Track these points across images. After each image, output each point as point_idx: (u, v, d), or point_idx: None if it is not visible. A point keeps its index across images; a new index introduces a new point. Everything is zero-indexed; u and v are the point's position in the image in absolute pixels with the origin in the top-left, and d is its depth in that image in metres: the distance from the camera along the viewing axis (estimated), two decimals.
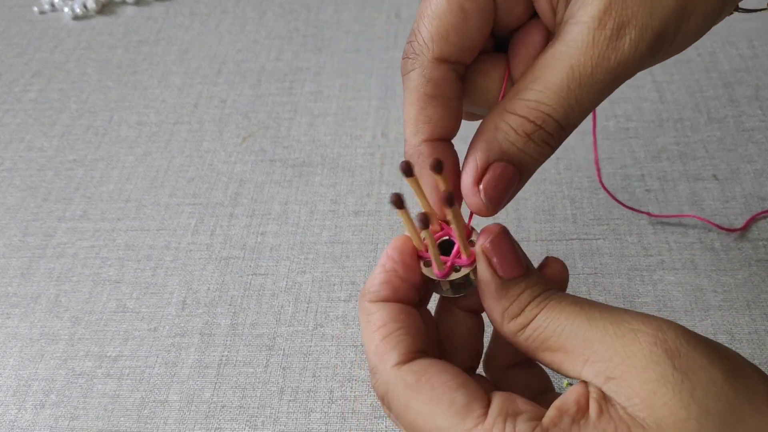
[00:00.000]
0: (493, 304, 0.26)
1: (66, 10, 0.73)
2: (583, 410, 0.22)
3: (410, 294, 0.27)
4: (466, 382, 0.24)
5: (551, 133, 0.26)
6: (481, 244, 0.26)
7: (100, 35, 0.70)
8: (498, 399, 0.23)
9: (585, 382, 0.23)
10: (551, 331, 0.24)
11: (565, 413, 0.22)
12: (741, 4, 0.31)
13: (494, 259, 0.26)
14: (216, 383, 0.42)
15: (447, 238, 0.28)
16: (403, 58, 0.28)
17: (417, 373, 0.24)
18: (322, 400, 0.40)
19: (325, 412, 0.40)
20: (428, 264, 0.27)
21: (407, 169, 0.25)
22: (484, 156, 0.26)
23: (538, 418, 0.23)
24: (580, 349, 0.23)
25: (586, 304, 0.24)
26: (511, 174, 0.26)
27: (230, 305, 0.46)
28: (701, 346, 0.22)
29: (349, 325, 0.44)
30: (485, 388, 0.25)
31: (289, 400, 0.40)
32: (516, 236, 0.47)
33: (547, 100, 0.25)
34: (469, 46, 0.28)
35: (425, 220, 0.24)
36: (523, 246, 0.46)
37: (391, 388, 0.25)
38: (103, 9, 0.74)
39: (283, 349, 0.43)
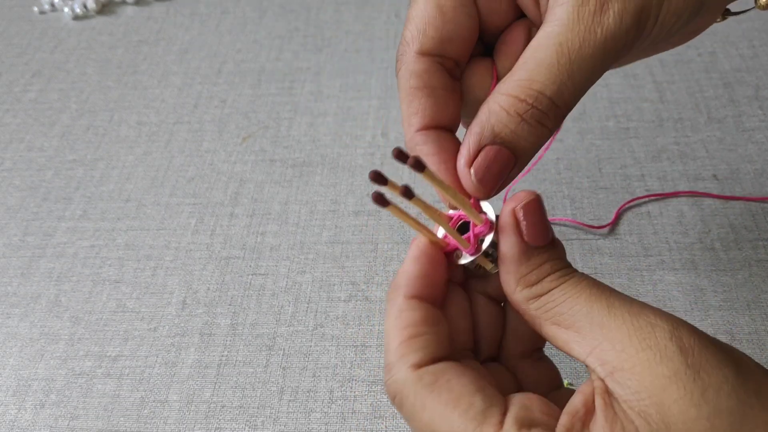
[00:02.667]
0: (511, 267, 0.25)
1: (66, 10, 0.73)
2: (590, 411, 0.22)
3: (441, 292, 0.27)
4: (485, 387, 0.24)
5: (545, 112, 0.26)
6: (512, 207, 0.25)
7: (100, 35, 0.70)
8: (515, 407, 0.23)
9: (590, 384, 0.23)
10: (567, 308, 0.24)
11: (576, 418, 0.22)
12: (733, 7, 0.31)
13: (523, 223, 0.25)
14: (216, 383, 0.42)
15: (462, 221, 0.28)
16: (396, 61, 0.30)
17: (435, 374, 0.24)
18: (322, 400, 0.40)
19: (325, 412, 0.40)
20: (458, 256, 0.27)
21: (419, 166, 0.24)
22: (476, 139, 0.26)
23: (552, 428, 0.22)
24: (593, 333, 0.23)
25: (607, 290, 0.24)
26: (504, 157, 0.26)
27: (230, 305, 0.45)
28: (712, 346, 0.22)
29: (349, 325, 0.44)
30: (504, 381, 0.25)
31: (289, 400, 0.40)
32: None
33: (538, 77, 0.25)
34: (449, 39, 0.28)
35: (408, 192, 0.24)
36: None
37: (406, 387, 0.24)
38: (103, 9, 0.74)
39: (283, 349, 0.43)
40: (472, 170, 0.26)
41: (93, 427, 0.41)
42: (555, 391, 0.29)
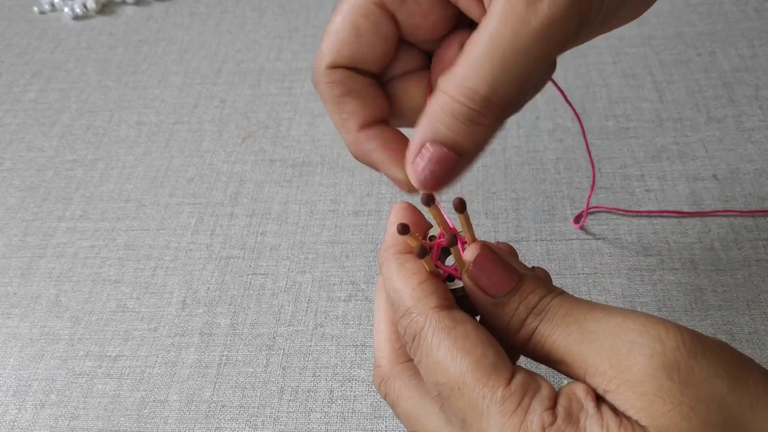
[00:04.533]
0: (492, 323, 0.26)
1: (66, 10, 0.73)
2: (592, 396, 0.23)
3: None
4: (498, 347, 0.24)
5: (479, 111, 0.25)
6: (465, 269, 0.26)
7: (100, 35, 0.70)
8: (522, 373, 0.24)
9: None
10: (550, 345, 0.24)
11: (574, 398, 0.22)
12: None
13: (481, 281, 0.25)
14: (216, 383, 0.42)
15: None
16: (312, 75, 0.30)
17: (455, 320, 0.25)
18: (322, 400, 0.40)
19: (325, 412, 0.40)
20: (450, 279, 0.28)
21: (429, 201, 0.26)
22: (418, 137, 0.26)
23: (553, 399, 0.23)
24: (577, 363, 0.23)
25: (583, 313, 0.24)
26: (443, 156, 0.26)
27: (230, 305, 0.46)
28: (705, 355, 0.22)
29: (349, 324, 0.44)
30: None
31: (289, 400, 0.40)
32: (516, 236, 0.47)
33: (471, 75, 0.24)
34: (364, 59, 0.29)
35: (453, 240, 0.25)
36: (523, 246, 0.46)
37: (426, 327, 0.25)
38: (103, 9, 0.74)
39: (283, 349, 0.43)
40: (411, 168, 0.27)
41: (93, 427, 0.41)
42: None
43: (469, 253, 0.26)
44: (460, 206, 0.25)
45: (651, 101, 0.55)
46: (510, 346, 0.26)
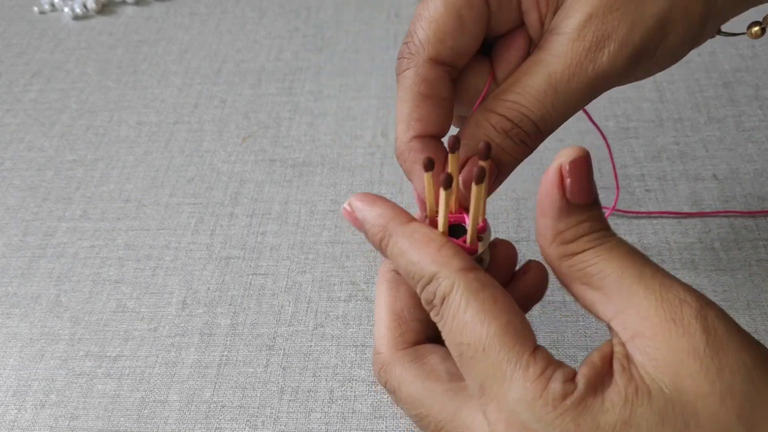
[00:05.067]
0: (548, 223, 0.25)
1: (66, 10, 0.73)
2: (608, 368, 0.23)
3: None
4: (523, 315, 0.24)
5: (528, 133, 0.28)
6: (559, 162, 0.25)
7: (100, 35, 0.70)
8: (543, 349, 0.24)
9: (610, 343, 0.23)
10: (598, 270, 0.24)
11: (594, 370, 0.22)
12: (724, 28, 0.32)
13: (568, 180, 0.25)
14: (216, 383, 0.42)
15: (459, 224, 0.29)
16: (398, 58, 0.29)
17: (483, 283, 0.25)
18: (322, 400, 0.40)
19: (326, 412, 0.40)
20: None
21: (444, 179, 0.26)
22: (464, 150, 0.28)
23: (574, 373, 0.23)
24: (620, 298, 0.23)
25: (641, 259, 0.24)
26: (488, 168, 0.27)
27: (230, 305, 0.46)
28: (736, 332, 0.22)
29: (350, 324, 0.44)
30: None
31: (289, 400, 0.40)
32: (516, 236, 0.47)
33: (525, 102, 0.27)
34: (464, 51, 0.29)
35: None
36: (524, 246, 0.46)
37: (455, 289, 0.25)
38: (103, 9, 0.74)
39: (283, 349, 0.43)
40: (460, 177, 0.28)
41: (93, 427, 0.41)
42: None
43: (570, 152, 0.25)
44: (486, 151, 0.25)
45: (651, 101, 0.55)
46: (546, 257, 0.26)
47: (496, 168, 0.28)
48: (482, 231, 0.28)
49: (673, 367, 0.21)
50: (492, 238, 0.30)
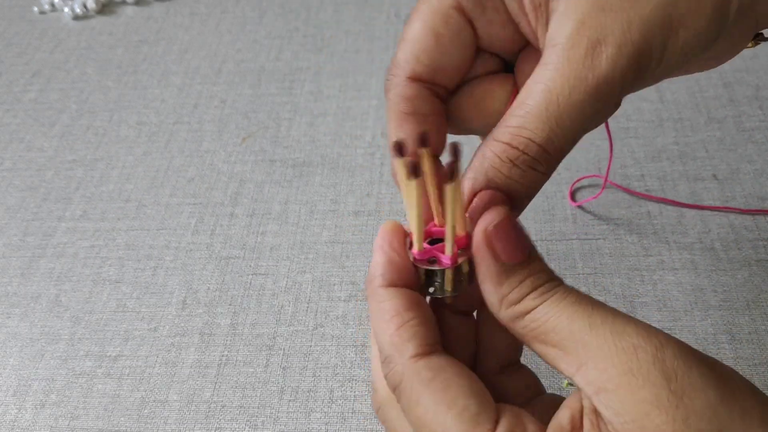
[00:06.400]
0: (490, 289, 0.25)
1: (66, 10, 0.73)
2: (577, 428, 0.22)
3: (414, 276, 0.27)
4: (480, 391, 0.24)
5: (536, 158, 0.25)
6: (484, 226, 0.25)
7: (100, 35, 0.70)
8: (507, 417, 0.23)
9: (579, 399, 0.23)
10: (550, 327, 0.24)
11: None
12: (766, 32, 0.30)
13: (498, 244, 0.25)
14: (216, 383, 0.42)
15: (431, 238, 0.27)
16: (385, 80, 0.29)
17: (434, 370, 0.24)
18: (322, 400, 0.40)
19: (325, 412, 0.40)
20: (431, 262, 0.27)
21: (414, 170, 0.24)
22: (470, 184, 0.26)
23: None
24: (576, 353, 0.23)
25: (590, 306, 0.24)
26: (498, 201, 0.25)
27: (230, 305, 0.46)
28: (698, 366, 0.22)
29: (349, 325, 0.44)
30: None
31: (289, 400, 0.40)
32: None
33: (527, 125, 0.25)
34: (443, 68, 0.28)
35: (399, 148, 0.24)
36: None
37: (405, 380, 0.24)
38: (103, 9, 0.74)
39: (283, 349, 0.43)
40: (467, 215, 0.26)
41: (93, 427, 0.41)
42: (537, 398, 0.29)
43: (492, 215, 0.25)
44: (454, 151, 0.24)
45: (651, 101, 0.55)
46: (498, 320, 0.25)
47: (507, 200, 0.26)
48: (463, 245, 0.26)
49: (639, 421, 0.21)
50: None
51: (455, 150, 0.24)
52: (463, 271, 0.26)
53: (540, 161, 0.25)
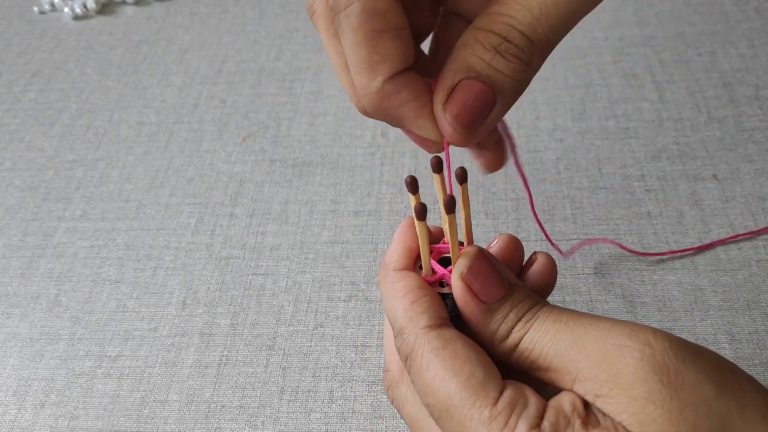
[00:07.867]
0: (480, 330, 0.26)
1: (66, 10, 0.73)
2: (578, 411, 0.23)
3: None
4: (488, 363, 0.24)
5: (519, 47, 0.23)
6: (458, 273, 0.26)
7: (100, 35, 0.70)
8: (510, 389, 0.23)
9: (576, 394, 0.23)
10: (538, 352, 0.24)
11: (561, 414, 0.22)
12: None
13: (475, 286, 0.25)
14: (216, 383, 0.42)
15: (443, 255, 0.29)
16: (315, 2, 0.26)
17: (445, 340, 0.25)
18: (322, 400, 0.40)
19: (325, 412, 0.40)
20: (442, 285, 0.28)
21: (437, 166, 0.25)
22: (451, 75, 0.24)
23: (540, 416, 0.23)
24: (566, 369, 0.23)
25: (572, 320, 0.24)
26: (481, 92, 0.24)
27: (230, 305, 0.46)
28: (693, 360, 0.22)
29: (349, 325, 0.44)
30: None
31: (289, 400, 0.40)
32: (516, 236, 0.47)
33: (510, 12, 0.23)
34: None
35: (413, 184, 0.25)
36: (524, 246, 0.47)
37: (417, 348, 0.25)
38: (103, 9, 0.74)
39: (283, 349, 0.43)
40: (447, 107, 0.24)
41: (93, 427, 0.41)
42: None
43: (464, 260, 0.26)
44: (462, 176, 0.25)
45: (651, 101, 0.55)
46: (495, 357, 0.26)
47: (491, 92, 0.24)
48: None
49: (636, 416, 0.21)
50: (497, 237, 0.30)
51: (463, 174, 0.25)
52: None
53: (524, 51, 0.24)
